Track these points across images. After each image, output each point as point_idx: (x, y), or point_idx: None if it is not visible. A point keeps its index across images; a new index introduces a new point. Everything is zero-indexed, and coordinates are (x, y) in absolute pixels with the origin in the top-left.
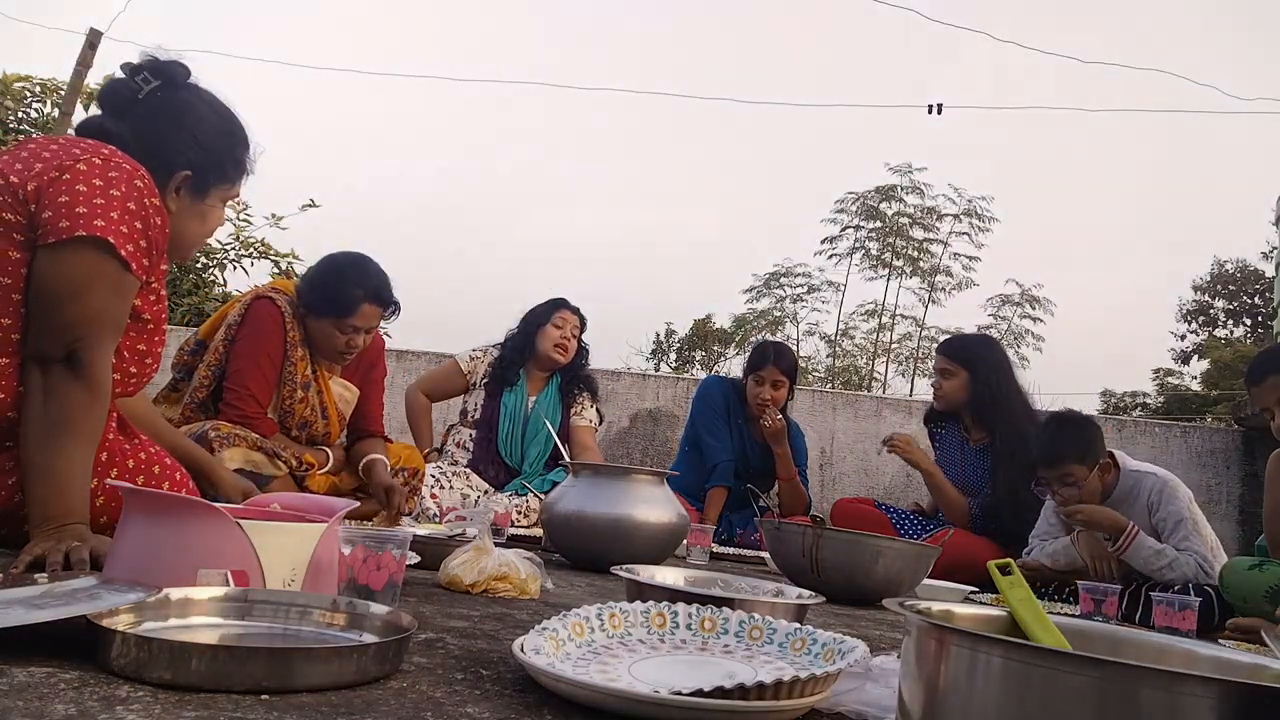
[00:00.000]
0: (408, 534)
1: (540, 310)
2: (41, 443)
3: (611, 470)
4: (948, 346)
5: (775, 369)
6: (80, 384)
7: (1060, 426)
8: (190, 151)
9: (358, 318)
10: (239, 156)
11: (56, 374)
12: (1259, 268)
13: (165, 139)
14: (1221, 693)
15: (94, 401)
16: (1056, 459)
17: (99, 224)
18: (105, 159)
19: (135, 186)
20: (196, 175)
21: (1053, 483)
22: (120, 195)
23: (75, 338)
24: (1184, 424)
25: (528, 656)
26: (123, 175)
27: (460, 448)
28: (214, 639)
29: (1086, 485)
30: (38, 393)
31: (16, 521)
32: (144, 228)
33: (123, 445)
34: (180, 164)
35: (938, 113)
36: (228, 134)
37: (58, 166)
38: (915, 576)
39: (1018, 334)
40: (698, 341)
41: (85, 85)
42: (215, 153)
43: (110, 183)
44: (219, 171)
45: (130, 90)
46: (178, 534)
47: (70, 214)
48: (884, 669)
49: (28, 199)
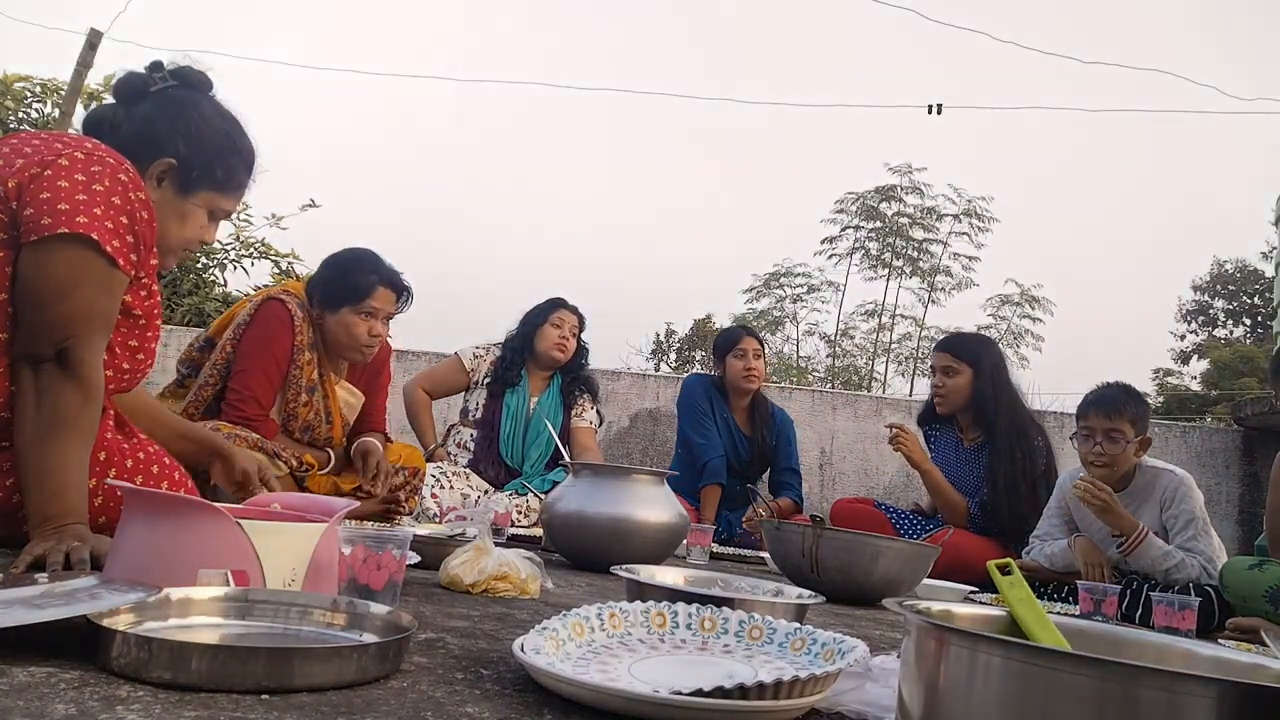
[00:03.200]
0: (408, 534)
1: (538, 310)
2: (36, 443)
3: (611, 470)
4: (951, 344)
5: (750, 338)
6: (72, 383)
7: (1121, 387)
8: (179, 141)
9: (375, 299)
10: (233, 166)
11: (48, 373)
12: (1259, 268)
13: (158, 126)
14: (1221, 693)
15: (87, 400)
16: (1116, 409)
17: (82, 220)
18: (88, 154)
19: (119, 181)
20: (181, 168)
21: (1098, 434)
22: (104, 190)
23: (65, 336)
24: (1184, 424)
25: (528, 656)
26: (106, 170)
27: (461, 447)
28: (214, 639)
29: (1124, 454)
30: (30, 393)
31: (15, 522)
32: (130, 222)
33: (121, 445)
34: (166, 150)
35: (938, 113)
36: (226, 138)
37: (39, 163)
38: (915, 576)
39: (1018, 334)
40: (698, 341)
41: (85, 85)
42: (206, 152)
43: (93, 177)
44: (206, 171)
45: (143, 83)
46: (178, 534)
47: (53, 211)
48: (884, 669)
49: (9, 196)
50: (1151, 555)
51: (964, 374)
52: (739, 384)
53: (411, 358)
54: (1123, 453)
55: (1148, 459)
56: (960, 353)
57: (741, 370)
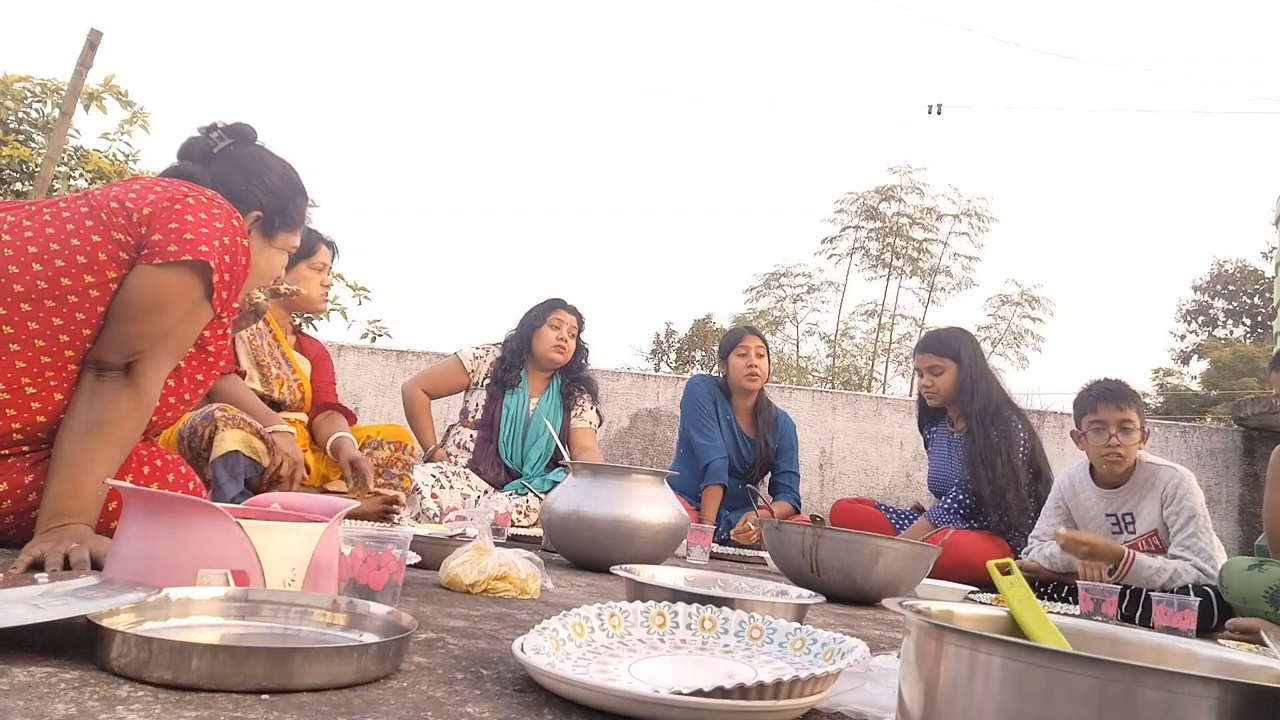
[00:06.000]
0: (408, 534)
1: (536, 311)
2: (74, 437)
3: (611, 470)
4: (930, 344)
5: (754, 338)
6: (129, 392)
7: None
8: (261, 195)
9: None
10: (300, 205)
11: (109, 379)
12: (1259, 268)
13: (238, 183)
14: (1221, 693)
15: (136, 409)
16: (1125, 398)
17: (203, 249)
18: (210, 198)
19: (232, 225)
20: (265, 217)
21: (1111, 425)
22: (220, 229)
23: (138, 350)
24: (1184, 424)
25: (528, 656)
26: (223, 213)
27: (460, 448)
28: (214, 639)
29: (1129, 446)
30: (86, 394)
31: (28, 523)
32: (232, 262)
33: (140, 450)
34: (252, 204)
35: (938, 113)
36: (291, 183)
37: (170, 198)
38: (915, 576)
39: (1018, 334)
40: (698, 341)
41: (85, 85)
42: (281, 198)
43: (214, 217)
44: (284, 215)
45: (206, 144)
46: (178, 534)
47: (179, 239)
48: (884, 669)
49: (141, 222)
50: (1144, 575)
51: (949, 369)
52: (742, 383)
53: (412, 358)
54: (1129, 447)
55: (1147, 454)
56: (941, 350)
57: (744, 369)
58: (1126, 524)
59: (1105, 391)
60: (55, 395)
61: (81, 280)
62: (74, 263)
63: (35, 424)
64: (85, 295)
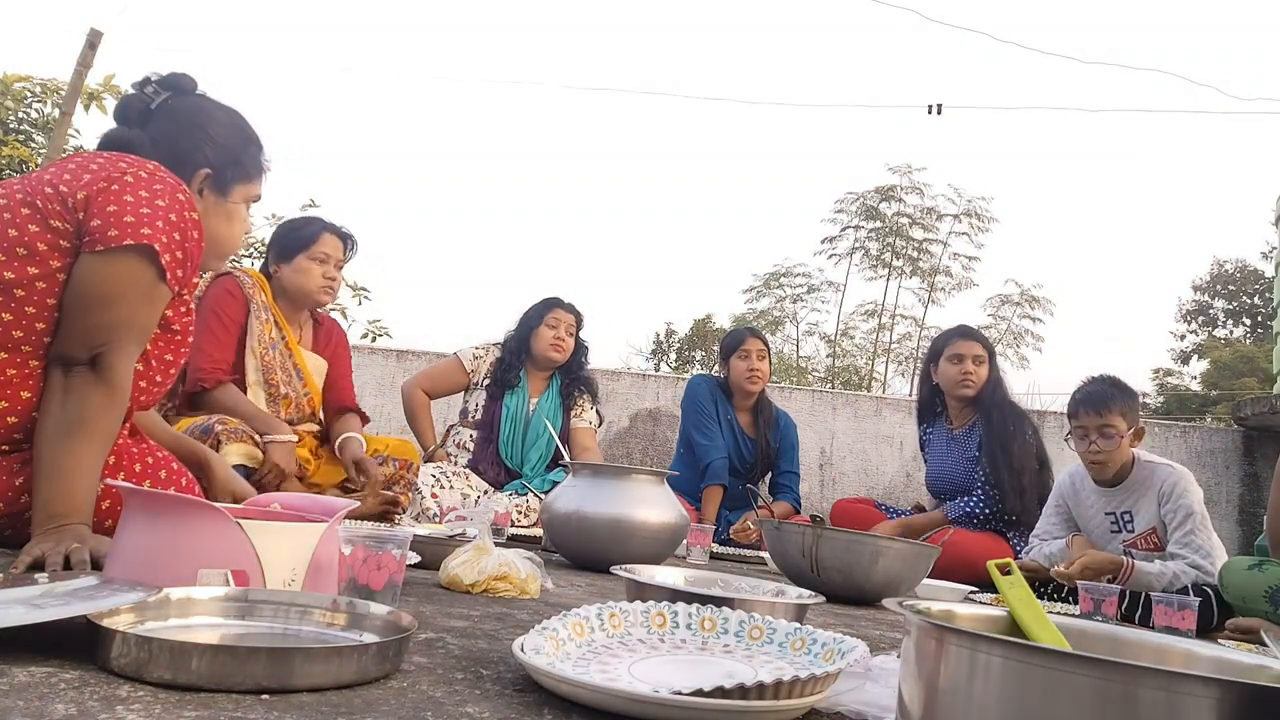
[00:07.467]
0: (408, 534)
1: (533, 311)
2: (54, 440)
3: (611, 470)
4: (976, 333)
5: (755, 339)
6: (101, 387)
7: (1107, 381)
8: (207, 148)
9: (323, 245)
10: (254, 153)
11: (78, 376)
12: (1259, 268)
13: (181, 140)
14: (1221, 693)
15: (111, 404)
16: (1106, 404)
17: (146, 232)
18: (150, 173)
19: (177, 199)
20: (216, 173)
21: (1092, 432)
22: (164, 206)
23: (102, 342)
24: (1184, 424)
25: (528, 656)
26: (166, 188)
27: (460, 448)
28: (214, 639)
29: (1119, 449)
30: (57, 392)
31: (23, 523)
32: (182, 239)
33: (130, 448)
34: (199, 161)
35: (938, 113)
36: (240, 131)
37: (106, 178)
38: (915, 576)
39: (1018, 334)
40: (698, 341)
41: (85, 86)
42: (231, 149)
43: (155, 194)
44: (237, 167)
45: (142, 102)
46: (178, 534)
47: (119, 223)
48: (884, 669)
49: (77, 207)
50: (1144, 581)
51: (986, 362)
52: (743, 386)
53: (412, 358)
54: (1118, 447)
55: (1145, 453)
56: (985, 341)
57: (745, 371)
58: (1125, 522)
59: (1087, 397)
60: (22, 394)
61: (25, 272)
62: (14, 255)
63: (7, 425)
64: (32, 288)
